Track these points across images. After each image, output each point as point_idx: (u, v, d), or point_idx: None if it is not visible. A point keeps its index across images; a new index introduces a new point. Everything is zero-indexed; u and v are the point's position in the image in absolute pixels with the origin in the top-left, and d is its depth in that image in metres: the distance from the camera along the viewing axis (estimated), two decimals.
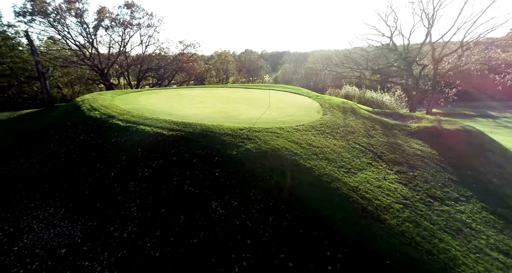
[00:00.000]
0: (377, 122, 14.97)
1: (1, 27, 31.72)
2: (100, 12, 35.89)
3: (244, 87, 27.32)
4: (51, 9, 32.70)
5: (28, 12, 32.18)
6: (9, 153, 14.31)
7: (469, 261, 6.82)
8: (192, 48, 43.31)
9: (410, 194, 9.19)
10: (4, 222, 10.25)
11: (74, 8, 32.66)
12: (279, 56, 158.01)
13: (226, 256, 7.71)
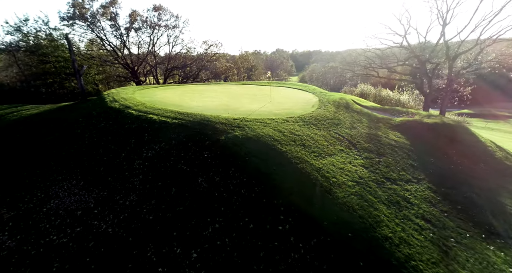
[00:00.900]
0: (365, 116, 15.65)
1: (48, 30, 35.51)
2: (131, 15, 38.83)
3: (256, 84, 28.66)
4: (89, 14, 36.01)
5: (70, 17, 35.71)
6: (48, 138, 16.78)
7: (391, 224, 7.73)
8: (215, 47, 45.42)
9: (367, 175, 10.06)
10: (38, 190, 12.47)
11: (108, 12, 35.78)
12: (310, 55, 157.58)
13: (203, 220, 9.17)
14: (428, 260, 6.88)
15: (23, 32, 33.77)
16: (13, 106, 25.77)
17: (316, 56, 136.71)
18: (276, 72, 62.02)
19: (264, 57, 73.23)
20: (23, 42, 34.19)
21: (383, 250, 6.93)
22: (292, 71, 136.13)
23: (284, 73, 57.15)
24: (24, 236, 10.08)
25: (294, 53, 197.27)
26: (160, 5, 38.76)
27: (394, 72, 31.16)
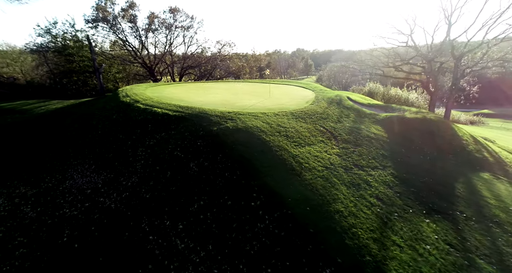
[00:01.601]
0: (355, 111, 16.30)
1: (73, 32, 38.11)
2: (150, 17, 40.86)
3: (262, 82, 29.69)
4: (111, 17, 38.30)
5: (94, 19, 38.13)
6: (68, 129, 18.65)
7: (346, 201, 8.59)
8: (228, 47, 46.87)
9: (338, 162, 10.88)
10: (57, 172, 14.18)
11: (128, 15, 37.92)
12: (330, 55, 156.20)
13: (191, 198, 10.39)
14: (367, 228, 7.73)
15: (52, 34, 36.47)
16: (41, 101, 28.25)
17: (337, 55, 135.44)
18: (288, 71, 62.54)
19: (276, 57, 74.12)
20: (52, 43, 36.92)
21: (332, 220, 7.85)
22: (310, 70, 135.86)
23: (295, 72, 57.51)
24: (43, 209, 11.72)
25: (315, 52, 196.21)
26: (176, 7, 40.57)
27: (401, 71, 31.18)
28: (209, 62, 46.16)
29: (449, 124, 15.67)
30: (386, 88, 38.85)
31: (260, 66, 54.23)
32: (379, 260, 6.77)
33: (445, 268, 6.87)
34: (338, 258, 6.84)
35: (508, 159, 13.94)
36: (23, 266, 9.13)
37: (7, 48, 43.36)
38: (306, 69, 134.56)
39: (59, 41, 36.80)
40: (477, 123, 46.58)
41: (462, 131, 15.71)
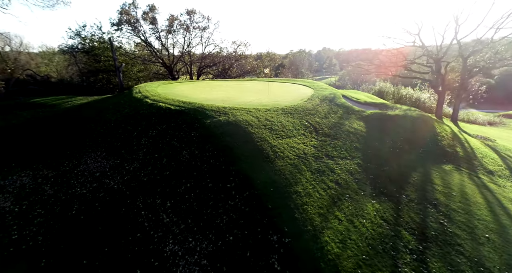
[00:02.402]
0: (344, 108, 16.93)
1: (100, 34, 41.01)
2: (169, 19, 42.99)
3: (269, 81, 30.69)
4: (134, 19, 40.77)
5: (118, 22, 40.77)
6: (87, 121, 20.73)
7: (307, 184, 9.53)
8: (243, 46, 48.22)
9: (312, 152, 11.75)
10: (74, 158, 16.07)
11: (149, 18, 40.21)
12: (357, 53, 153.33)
13: (180, 181, 11.74)
14: (317, 205, 8.65)
15: (82, 36, 39.54)
16: (69, 97, 30.97)
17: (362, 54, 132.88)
18: (300, 70, 62.75)
19: (291, 57, 74.60)
20: (81, 45, 40.01)
21: (289, 199, 8.86)
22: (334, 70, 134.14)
23: (307, 71, 57.75)
24: (59, 187, 13.55)
25: (341, 51, 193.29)
26: (193, 9, 42.39)
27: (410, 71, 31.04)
28: (225, 61, 47.73)
29: (429, 121, 15.94)
30: (397, 88, 38.46)
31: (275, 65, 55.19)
32: (318, 229, 7.74)
33: (372, 237, 7.72)
34: (285, 228, 7.89)
35: (481, 154, 14.15)
36: (39, 232, 10.87)
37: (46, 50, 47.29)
38: (330, 68, 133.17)
39: (87, 42, 39.79)
40: (497, 124, 44.85)
41: (443, 128, 15.92)
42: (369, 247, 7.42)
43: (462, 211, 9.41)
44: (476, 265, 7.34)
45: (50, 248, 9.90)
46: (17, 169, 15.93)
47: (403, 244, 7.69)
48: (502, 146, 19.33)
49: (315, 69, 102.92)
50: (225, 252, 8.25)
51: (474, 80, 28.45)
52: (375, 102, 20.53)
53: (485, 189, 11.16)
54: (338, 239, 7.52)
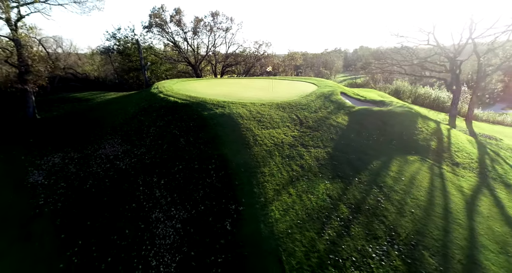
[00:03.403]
0: (336, 104, 17.57)
1: (132, 36, 44.49)
2: (195, 21, 45.50)
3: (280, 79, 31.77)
4: (162, 22, 43.76)
5: (149, 25, 44.00)
6: (112, 113, 23.39)
7: (274, 166, 10.80)
8: (265, 46, 49.57)
9: (289, 141, 12.80)
10: (95, 144, 18.53)
11: (175, 20, 42.99)
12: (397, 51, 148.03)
13: (174, 163, 13.47)
14: (276, 183, 9.84)
15: (117, 38, 43.21)
16: (102, 93, 34.43)
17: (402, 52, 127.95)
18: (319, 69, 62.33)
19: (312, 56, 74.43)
20: (116, 46, 43.75)
21: (254, 177, 10.16)
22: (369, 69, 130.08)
23: (327, 71, 57.37)
24: (80, 167, 15.95)
25: (380, 49, 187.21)
26: (216, 11, 44.54)
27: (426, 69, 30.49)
28: (247, 60, 49.42)
29: (412, 117, 16.13)
30: (414, 87, 37.55)
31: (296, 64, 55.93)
32: (269, 201, 9.01)
33: (312, 208, 8.83)
34: (243, 199, 9.26)
35: (458, 149, 14.22)
36: (59, 200, 13.17)
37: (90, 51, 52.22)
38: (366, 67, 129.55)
39: (121, 43, 43.39)
40: None
41: (425, 123, 16.15)
42: (306, 215, 8.54)
43: (401, 191, 10.11)
44: (390, 231, 8.20)
45: (65, 212, 12.10)
46: (52, 151, 18.69)
47: (336, 215, 8.69)
48: (505, 145, 18.90)
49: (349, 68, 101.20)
50: (195, 218, 9.79)
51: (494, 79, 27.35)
52: (374, 100, 20.89)
53: (438, 176, 11.57)
54: (282, 208, 8.72)
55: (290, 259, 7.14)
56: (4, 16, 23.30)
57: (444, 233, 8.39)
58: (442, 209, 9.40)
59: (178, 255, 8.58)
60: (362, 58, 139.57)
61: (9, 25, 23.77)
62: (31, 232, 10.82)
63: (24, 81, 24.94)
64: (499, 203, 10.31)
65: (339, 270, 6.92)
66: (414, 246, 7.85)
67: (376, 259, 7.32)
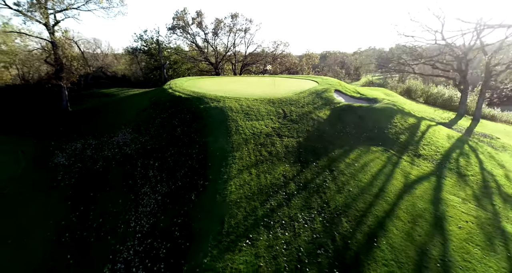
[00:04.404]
0: (325, 100, 18.36)
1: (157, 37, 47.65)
2: (216, 22, 47.74)
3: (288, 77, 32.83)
4: (185, 23, 46.47)
5: (172, 27, 46.92)
6: (129, 106, 26.00)
7: (245, 151, 12.19)
8: (283, 46, 50.72)
9: (267, 131, 14.04)
10: (111, 133, 21.03)
11: (197, 22, 45.51)
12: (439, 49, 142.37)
13: (168, 149, 15.35)
14: (242, 165, 11.32)
15: (143, 39, 46.59)
16: (127, 89, 37.64)
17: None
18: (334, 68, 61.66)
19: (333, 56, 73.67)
20: (143, 47, 47.16)
21: (225, 160, 11.70)
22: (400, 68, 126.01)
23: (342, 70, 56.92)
24: (95, 151, 18.39)
25: (424, 47, 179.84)
26: (236, 13, 46.40)
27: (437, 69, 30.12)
28: (265, 59, 50.88)
29: (390, 113, 16.60)
30: (427, 86, 36.75)
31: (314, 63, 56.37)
32: (231, 178, 10.54)
33: (265, 184, 10.19)
34: (210, 176, 10.87)
35: (428, 143, 14.75)
36: (74, 176, 15.56)
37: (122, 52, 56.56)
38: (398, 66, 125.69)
39: (147, 44, 46.71)
40: None
41: (403, 119, 16.76)
42: (257, 189, 9.90)
43: (349, 175, 11.03)
44: (323, 204, 9.34)
45: (75, 186, 14.40)
46: (76, 138, 21.46)
47: (284, 190, 9.96)
48: (499, 143, 18.77)
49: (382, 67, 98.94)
50: (173, 192, 11.54)
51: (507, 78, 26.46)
52: (368, 97, 21.41)
53: (391, 164, 12.21)
54: (239, 184, 10.16)
55: (231, 220, 8.59)
56: (44, 22, 26.74)
57: (368, 206, 9.37)
58: (377, 189, 10.30)
59: (152, 219, 10.37)
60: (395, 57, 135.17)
61: (48, 29, 27.21)
62: (46, 200, 13.17)
63: (59, 78, 28.43)
64: (438, 187, 10.92)
65: (267, 229, 8.26)
66: (338, 214, 8.95)
67: (301, 223, 8.55)
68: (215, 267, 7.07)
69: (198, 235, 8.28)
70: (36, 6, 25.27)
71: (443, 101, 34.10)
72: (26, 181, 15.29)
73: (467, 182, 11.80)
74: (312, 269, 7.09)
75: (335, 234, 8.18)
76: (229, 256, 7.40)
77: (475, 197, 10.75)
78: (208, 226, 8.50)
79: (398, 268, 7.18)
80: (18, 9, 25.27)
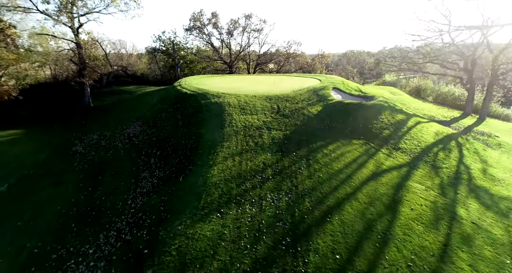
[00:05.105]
0: (319, 97, 19.16)
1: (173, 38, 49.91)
2: (230, 23, 49.32)
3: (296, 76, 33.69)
4: (201, 24, 48.38)
5: (189, 28, 48.97)
6: (143, 102, 28.02)
7: (234, 142, 13.38)
8: (296, 45, 51.50)
9: (258, 124, 15.16)
10: (124, 126, 23.00)
11: (212, 23, 47.30)
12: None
13: (169, 139, 16.91)
14: (228, 153, 12.55)
15: (161, 40, 49.00)
16: (144, 87, 40.06)
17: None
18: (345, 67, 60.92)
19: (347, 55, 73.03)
20: (161, 47, 49.59)
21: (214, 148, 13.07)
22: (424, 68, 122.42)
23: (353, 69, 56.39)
24: (108, 141, 20.36)
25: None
26: (250, 13, 47.70)
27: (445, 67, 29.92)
28: (278, 59, 51.90)
29: (378, 110, 17.10)
30: (437, 85, 36.18)
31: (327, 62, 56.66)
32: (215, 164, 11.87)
33: (245, 170, 11.47)
34: (198, 162, 12.23)
35: (411, 137, 15.35)
36: (87, 163, 17.49)
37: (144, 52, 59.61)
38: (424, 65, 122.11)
39: (165, 44, 49.07)
40: None
41: (391, 115, 17.29)
42: (236, 174, 11.12)
43: (323, 163, 11.94)
44: (292, 186, 10.40)
45: (88, 171, 16.27)
46: (94, 131, 23.64)
47: (261, 175, 11.08)
48: (495, 141, 18.80)
49: None
50: (167, 176, 13.03)
51: None
52: (366, 95, 21.94)
53: (367, 155, 12.92)
54: (222, 169, 11.43)
55: (207, 197, 9.87)
56: (70, 25, 29.36)
57: (332, 190, 10.31)
58: (345, 176, 11.18)
59: (146, 197, 11.90)
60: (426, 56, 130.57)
61: (73, 31, 29.83)
62: (62, 181, 15.08)
63: (82, 75, 31.02)
64: (407, 176, 11.59)
65: (237, 205, 9.46)
66: (302, 195, 9.98)
67: (269, 201, 9.67)
68: (186, 233, 8.37)
69: (177, 209, 9.63)
70: (63, 11, 27.83)
71: (453, 100, 33.57)
72: (47, 165, 17.38)
73: (439, 173, 12.39)
74: (268, 237, 8.22)
75: (296, 211, 9.25)
76: (200, 225, 8.69)
77: (441, 186, 11.37)
78: (187, 202, 9.83)
79: (342, 238, 8.16)
80: (48, 13, 27.93)
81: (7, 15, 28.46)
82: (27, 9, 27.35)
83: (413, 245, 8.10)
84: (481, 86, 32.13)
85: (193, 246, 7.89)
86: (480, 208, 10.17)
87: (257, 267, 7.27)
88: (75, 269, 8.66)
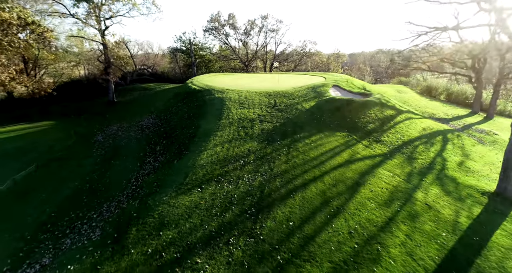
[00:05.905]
0: (316, 93, 20.09)
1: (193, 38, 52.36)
2: (248, 23, 50.98)
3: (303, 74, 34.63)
4: (219, 25, 50.46)
5: (208, 29, 51.23)
6: (160, 98, 30.32)
7: (227, 132, 14.87)
8: (312, 44, 52.21)
9: (253, 117, 16.53)
10: (139, 118, 25.29)
11: (229, 23, 49.21)
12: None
13: (176, 130, 18.79)
14: (219, 141, 14.01)
15: (182, 40, 51.64)
16: (163, 84, 42.67)
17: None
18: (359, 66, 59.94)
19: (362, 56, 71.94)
20: (181, 47, 52.26)
21: (208, 137, 14.61)
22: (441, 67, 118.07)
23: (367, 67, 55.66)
24: (124, 132, 22.66)
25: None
26: (267, 14, 49.13)
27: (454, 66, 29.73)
28: (293, 58, 52.89)
29: (368, 106, 17.74)
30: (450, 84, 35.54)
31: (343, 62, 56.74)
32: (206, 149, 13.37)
33: (231, 155, 12.80)
34: (192, 147, 13.90)
35: (396, 132, 16.10)
36: (104, 149, 19.76)
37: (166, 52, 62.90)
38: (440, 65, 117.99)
39: (185, 45, 51.66)
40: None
41: (380, 111, 17.97)
42: (222, 158, 12.58)
43: (301, 151, 13.05)
44: (268, 169, 11.72)
45: (104, 156, 18.50)
46: (114, 123, 26.16)
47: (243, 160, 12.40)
48: (492, 138, 18.93)
49: None
50: (166, 160, 14.84)
51: None
52: (365, 92, 22.60)
53: (346, 146, 13.86)
54: (210, 154, 12.97)
55: (193, 176, 11.47)
56: (97, 27, 32.32)
57: (303, 172, 11.49)
58: (318, 162, 12.28)
59: (146, 177, 13.76)
60: None
61: (100, 33, 32.78)
62: (81, 164, 17.37)
63: (107, 73, 33.96)
64: (378, 165, 12.42)
65: (217, 183, 10.97)
66: (275, 176, 11.24)
67: (245, 181, 11.09)
68: (169, 202, 10.00)
69: (166, 185, 11.31)
70: (91, 14, 30.77)
71: (465, 98, 33.03)
72: (72, 151, 19.83)
73: (412, 163, 13.15)
74: (237, 207, 9.65)
75: (266, 189, 10.60)
76: (181, 197, 10.29)
77: (409, 174, 12.18)
78: (175, 179, 11.48)
79: (299, 210, 9.42)
80: (79, 17, 30.99)
81: (48, 20, 32.18)
82: (62, 14, 30.60)
83: (361, 218, 9.19)
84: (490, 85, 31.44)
85: (172, 211, 9.51)
86: (439, 193, 10.94)
87: (221, 228, 8.73)
88: (80, 228, 10.65)
